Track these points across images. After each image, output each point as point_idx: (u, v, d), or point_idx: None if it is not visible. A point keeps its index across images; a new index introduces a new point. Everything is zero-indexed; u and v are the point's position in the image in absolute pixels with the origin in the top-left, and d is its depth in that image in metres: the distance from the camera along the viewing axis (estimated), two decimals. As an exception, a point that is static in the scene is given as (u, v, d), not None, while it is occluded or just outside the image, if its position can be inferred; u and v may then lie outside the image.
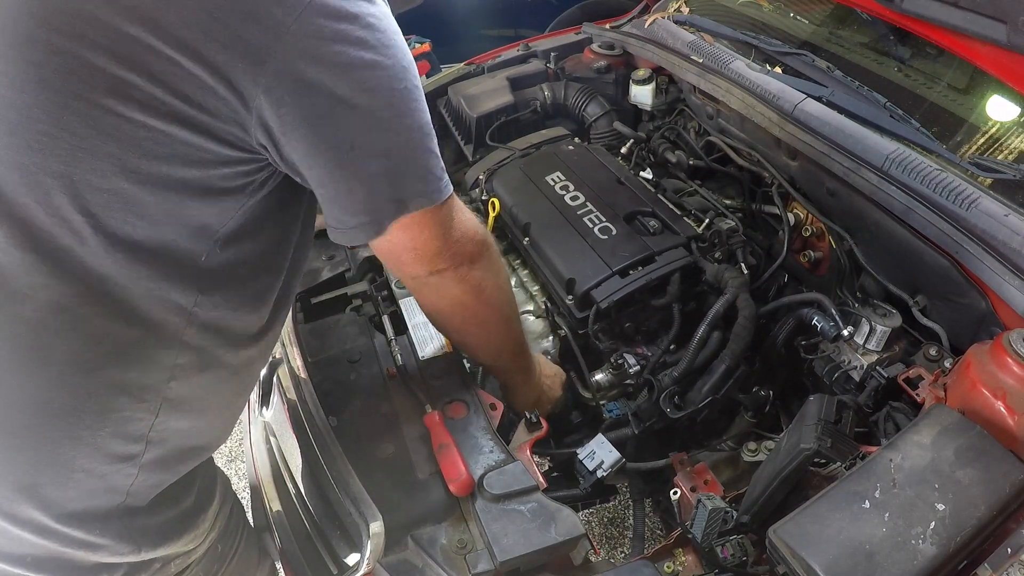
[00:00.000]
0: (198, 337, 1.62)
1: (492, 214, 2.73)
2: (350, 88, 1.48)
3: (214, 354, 1.68)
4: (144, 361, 1.59)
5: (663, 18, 3.27)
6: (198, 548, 1.82)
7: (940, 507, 1.78)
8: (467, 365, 2.21)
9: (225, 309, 1.64)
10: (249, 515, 2.17)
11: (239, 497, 2.02)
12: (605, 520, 3.43)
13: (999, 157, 2.32)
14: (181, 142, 1.45)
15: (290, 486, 2.13)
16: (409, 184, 1.60)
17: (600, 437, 2.22)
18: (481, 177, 2.89)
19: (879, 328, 2.24)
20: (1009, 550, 1.78)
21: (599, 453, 2.19)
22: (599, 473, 2.18)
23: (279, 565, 2.17)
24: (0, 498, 1.58)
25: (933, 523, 1.76)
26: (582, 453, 2.20)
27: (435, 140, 1.62)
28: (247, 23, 1.41)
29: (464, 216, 1.78)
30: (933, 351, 2.19)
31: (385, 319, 2.34)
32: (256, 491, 2.33)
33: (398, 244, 1.69)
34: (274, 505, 2.17)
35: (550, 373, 2.31)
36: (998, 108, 2.41)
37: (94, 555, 1.64)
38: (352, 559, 1.90)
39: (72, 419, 1.56)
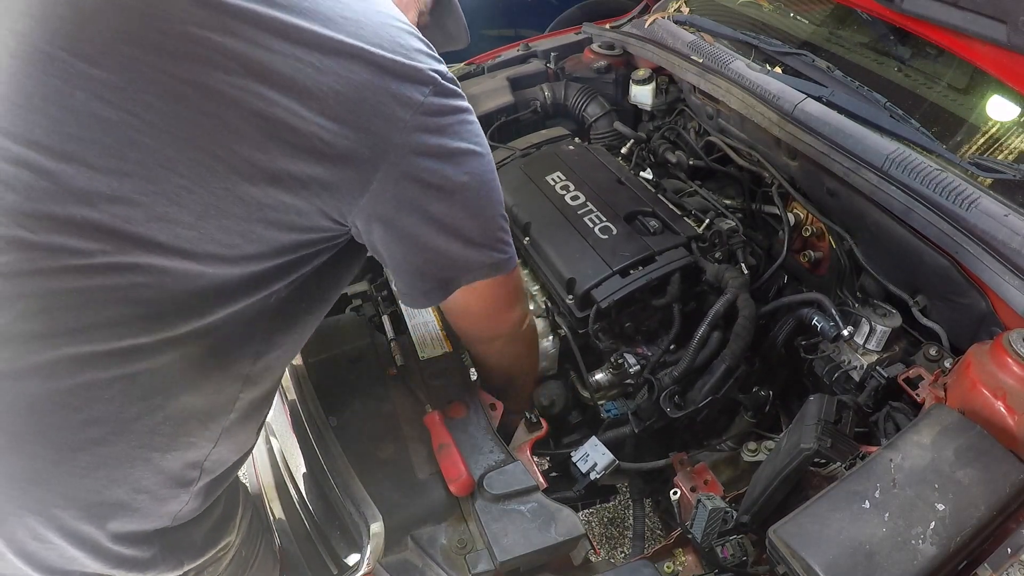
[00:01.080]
0: (259, 373, 1.76)
1: (492, 214, 2.73)
2: (453, 175, 1.70)
3: (266, 385, 1.82)
4: (215, 393, 1.71)
5: (663, 18, 3.27)
6: (227, 555, 1.88)
7: (940, 507, 1.78)
8: (472, 372, 2.23)
9: (284, 349, 1.82)
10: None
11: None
12: (605, 520, 3.44)
13: (999, 157, 2.33)
14: (295, 211, 1.62)
15: (290, 487, 2.14)
16: (498, 248, 1.83)
17: (593, 439, 2.23)
18: (482, 177, 2.88)
19: (879, 328, 2.24)
20: (1009, 550, 1.79)
21: (592, 455, 2.20)
22: (592, 475, 2.19)
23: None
24: (67, 516, 1.63)
25: (933, 523, 1.76)
26: (576, 456, 2.21)
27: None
28: (374, 117, 1.59)
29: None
30: (933, 351, 2.20)
31: (385, 319, 2.34)
32: (256, 492, 2.33)
33: (499, 298, 1.96)
34: (274, 506, 2.18)
35: None
36: (998, 108, 2.41)
37: (141, 574, 1.72)
38: (352, 559, 1.93)
39: (147, 439, 1.64)
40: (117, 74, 1.53)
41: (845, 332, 2.26)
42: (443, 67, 1.70)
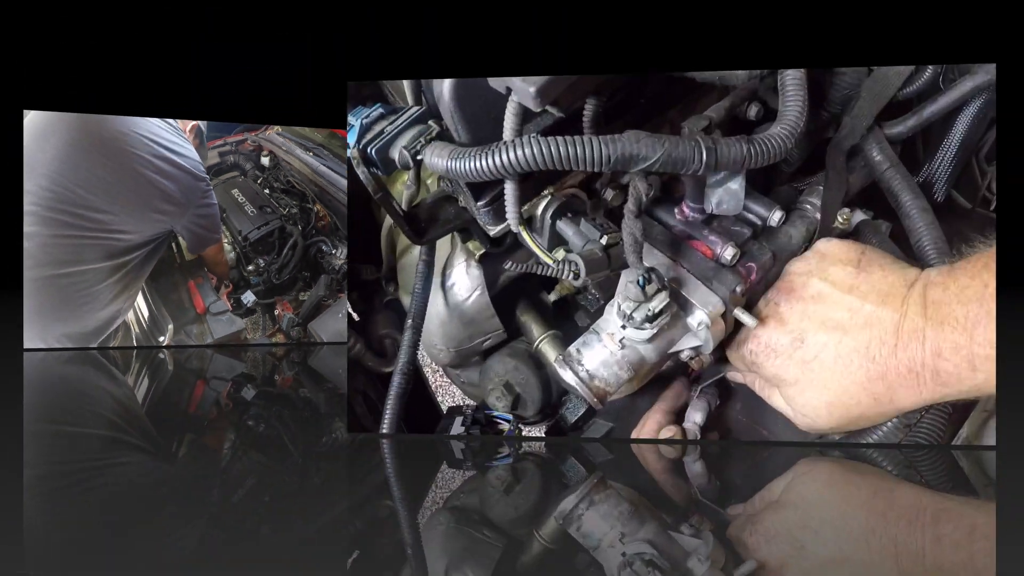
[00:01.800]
0: (144, 275, 1.93)
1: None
2: (213, 212, 1.97)
3: (145, 279, 1.95)
4: (130, 283, 1.89)
5: (273, 132, 3.31)
6: (118, 341, 1.96)
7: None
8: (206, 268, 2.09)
9: (151, 265, 1.94)
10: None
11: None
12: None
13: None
14: (165, 223, 1.87)
15: (140, 314, 2.06)
16: (220, 232, 1.99)
17: (248, 292, 2.15)
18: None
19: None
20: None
21: (244, 299, 2.14)
22: (247, 305, 2.13)
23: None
24: (75, 334, 1.81)
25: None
26: (242, 298, 2.14)
27: None
28: (190, 192, 1.90)
29: None
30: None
31: (173, 244, 2.11)
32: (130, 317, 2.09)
33: (219, 249, 2.04)
34: (133, 323, 2.04)
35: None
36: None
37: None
38: (161, 339, 2.02)
39: (107, 302, 1.83)
40: (114, 162, 1.76)
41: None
42: (207, 175, 1.94)
